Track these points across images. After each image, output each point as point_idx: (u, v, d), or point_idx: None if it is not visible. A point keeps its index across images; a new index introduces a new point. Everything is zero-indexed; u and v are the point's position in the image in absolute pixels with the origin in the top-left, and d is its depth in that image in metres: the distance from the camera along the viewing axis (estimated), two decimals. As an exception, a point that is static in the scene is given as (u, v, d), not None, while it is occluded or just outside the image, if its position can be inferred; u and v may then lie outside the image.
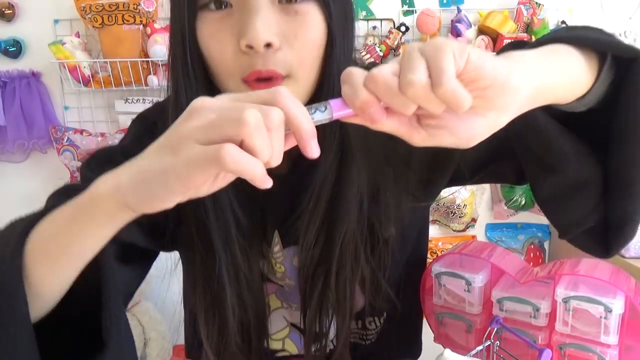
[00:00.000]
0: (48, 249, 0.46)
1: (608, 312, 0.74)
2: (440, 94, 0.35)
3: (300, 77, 0.55)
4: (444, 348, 0.73)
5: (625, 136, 0.49)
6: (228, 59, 0.54)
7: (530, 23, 1.73)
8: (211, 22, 0.55)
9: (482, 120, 0.38)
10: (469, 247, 0.95)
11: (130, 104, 1.70)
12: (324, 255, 0.64)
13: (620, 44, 0.48)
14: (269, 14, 0.52)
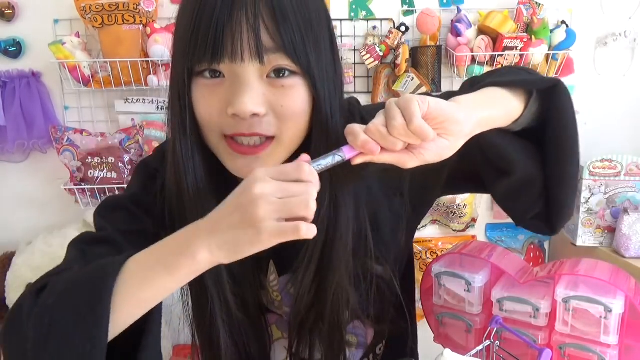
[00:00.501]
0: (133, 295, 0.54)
1: (608, 312, 0.74)
2: (412, 130, 0.52)
3: (285, 140, 0.62)
4: (444, 348, 0.73)
5: (554, 141, 0.66)
6: (214, 119, 0.60)
7: (530, 23, 1.73)
8: (204, 87, 0.60)
9: (446, 143, 0.56)
10: (469, 247, 0.95)
11: (130, 104, 1.70)
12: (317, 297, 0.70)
13: (542, 79, 0.66)
14: (258, 87, 0.58)
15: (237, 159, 0.62)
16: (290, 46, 0.58)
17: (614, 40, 1.83)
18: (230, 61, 0.57)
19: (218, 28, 0.56)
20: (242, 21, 0.56)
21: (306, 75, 0.60)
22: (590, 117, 1.87)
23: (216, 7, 0.56)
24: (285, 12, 0.57)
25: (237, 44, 0.56)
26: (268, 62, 0.58)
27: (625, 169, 1.63)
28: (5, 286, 1.54)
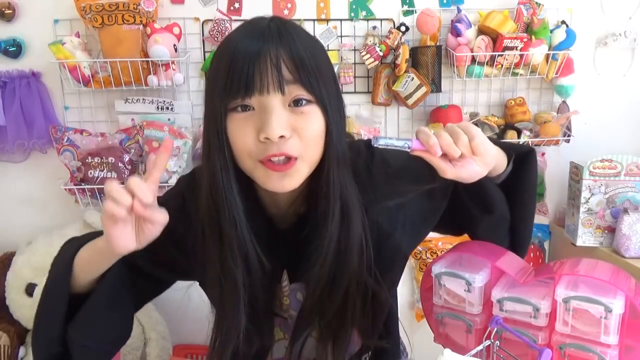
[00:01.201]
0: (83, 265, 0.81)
1: (608, 312, 0.74)
2: (474, 144, 0.72)
3: (307, 158, 0.74)
4: (444, 348, 0.73)
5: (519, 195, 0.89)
6: (249, 146, 0.72)
7: (530, 23, 1.73)
8: (238, 120, 0.72)
9: (478, 168, 0.75)
10: (469, 247, 0.95)
11: (130, 104, 1.70)
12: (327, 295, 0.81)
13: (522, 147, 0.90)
14: (282, 114, 0.71)
15: (272, 178, 0.73)
16: (305, 79, 0.71)
17: (614, 40, 1.83)
18: (258, 94, 0.70)
19: (249, 70, 0.69)
20: (267, 62, 0.70)
21: (319, 103, 0.73)
22: (590, 117, 1.87)
23: (246, 54, 0.70)
24: (301, 55, 0.71)
25: (263, 80, 0.70)
26: (288, 93, 0.71)
27: (625, 169, 1.63)
28: (5, 286, 1.54)
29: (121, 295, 0.87)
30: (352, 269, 0.80)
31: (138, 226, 0.73)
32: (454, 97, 1.85)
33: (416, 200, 0.85)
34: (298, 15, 1.73)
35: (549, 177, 1.93)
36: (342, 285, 0.80)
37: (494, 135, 1.77)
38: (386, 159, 0.90)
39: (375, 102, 1.79)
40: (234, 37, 0.74)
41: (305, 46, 0.73)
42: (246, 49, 0.71)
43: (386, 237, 0.86)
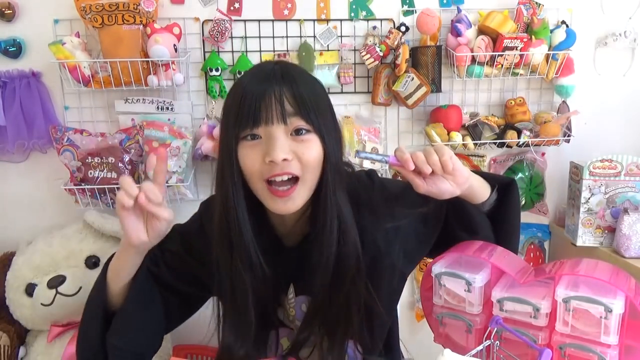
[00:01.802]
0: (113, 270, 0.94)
1: (608, 312, 0.74)
2: (443, 161, 0.83)
3: (307, 180, 0.86)
4: (444, 348, 0.73)
5: (502, 222, 0.98)
6: (256, 167, 0.84)
7: (530, 23, 1.73)
8: (247, 147, 0.85)
9: (449, 186, 0.86)
10: (469, 247, 0.95)
11: (130, 104, 1.70)
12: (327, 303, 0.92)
13: (503, 178, 1.00)
14: (285, 141, 0.83)
15: (277, 201, 0.86)
16: (305, 112, 0.84)
17: (614, 40, 1.83)
18: (264, 125, 0.83)
19: (256, 105, 0.82)
20: (272, 98, 0.83)
21: (317, 132, 0.85)
22: (590, 117, 1.87)
23: (254, 93, 0.83)
24: (300, 92, 0.84)
25: (269, 113, 0.83)
26: (290, 123, 0.84)
27: (625, 169, 1.63)
28: (5, 286, 1.54)
29: (150, 300, 0.97)
30: (348, 280, 0.90)
31: (148, 223, 0.87)
32: (454, 97, 1.85)
33: (412, 225, 0.96)
34: (298, 15, 1.74)
35: (549, 177, 1.93)
36: (341, 294, 0.90)
37: (494, 135, 1.77)
38: (385, 185, 1.02)
39: (375, 102, 1.79)
40: (244, 80, 0.88)
41: (305, 85, 0.87)
42: (254, 88, 0.84)
43: (382, 256, 0.95)
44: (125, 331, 0.93)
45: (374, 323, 0.96)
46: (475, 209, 0.95)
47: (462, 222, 0.94)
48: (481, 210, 0.96)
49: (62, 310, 1.45)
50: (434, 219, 0.97)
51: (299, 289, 0.97)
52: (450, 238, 0.95)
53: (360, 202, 0.94)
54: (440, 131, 1.75)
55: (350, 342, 0.97)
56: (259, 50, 1.74)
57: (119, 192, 0.83)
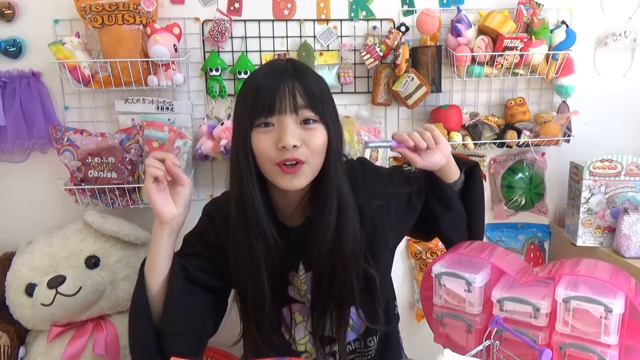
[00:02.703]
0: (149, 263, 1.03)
1: (608, 312, 0.74)
2: (435, 135, 1.06)
3: (312, 163, 0.97)
4: (444, 348, 0.73)
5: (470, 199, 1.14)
6: (269, 152, 0.94)
7: (530, 23, 1.73)
8: (261, 134, 0.95)
9: (439, 157, 1.05)
10: (469, 247, 0.95)
11: (130, 104, 1.70)
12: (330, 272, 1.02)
13: (469, 162, 1.17)
14: (295, 129, 0.94)
15: (285, 177, 0.95)
16: (314, 104, 0.95)
17: (614, 40, 1.83)
18: (278, 114, 0.93)
19: (271, 96, 0.93)
20: (285, 91, 0.93)
21: (323, 122, 0.96)
22: (590, 117, 1.87)
23: (269, 86, 0.93)
24: (310, 87, 0.95)
25: (282, 104, 0.93)
26: (301, 114, 0.94)
27: (625, 169, 1.63)
28: (5, 286, 1.54)
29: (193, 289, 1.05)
30: (348, 251, 1.00)
31: (173, 192, 1.02)
32: (454, 97, 1.85)
33: (400, 202, 1.10)
34: (298, 15, 1.74)
35: (549, 177, 1.94)
36: (342, 266, 1.00)
37: (494, 135, 1.77)
38: (376, 169, 1.19)
39: (375, 102, 1.79)
40: (259, 74, 0.97)
41: (314, 81, 0.97)
42: (269, 82, 0.94)
43: (378, 231, 1.07)
44: (178, 316, 1.00)
45: (374, 292, 1.07)
46: (449, 187, 1.10)
47: (439, 198, 1.10)
48: (453, 188, 1.11)
49: (62, 310, 1.45)
50: (417, 197, 1.11)
51: (308, 265, 1.08)
52: (429, 213, 1.11)
53: (357, 183, 1.06)
54: (440, 131, 1.74)
55: (354, 311, 1.09)
56: (259, 50, 1.74)
57: (148, 168, 0.97)
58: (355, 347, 1.15)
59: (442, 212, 1.09)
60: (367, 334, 1.14)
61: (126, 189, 1.61)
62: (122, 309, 1.58)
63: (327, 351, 1.10)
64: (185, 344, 1.00)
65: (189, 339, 1.02)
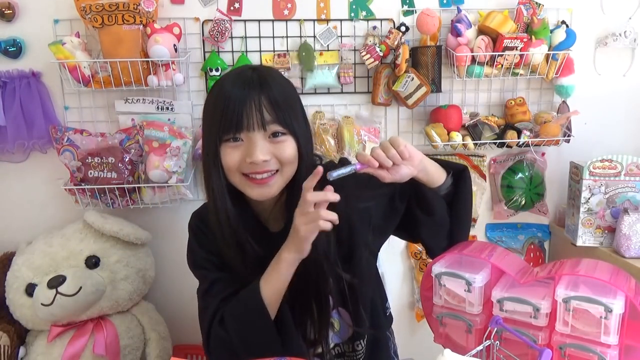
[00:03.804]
0: (273, 293, 1.00)
1: (608, 312, 0.74)
2: (400, 151, 0.94)
3: (284, 173, 0.99)
4: (444, 348, 0.73)
5: (456, 204, 1.08)
6: (237, 165, 0.96)
7: (530, 23, 1.73)
8: (230, 148, 0.96)
9: (407, 169, 0.96)
10: (469, 247, 0.95)
11: (130, 104, 1.70)
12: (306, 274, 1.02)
13: (457, 165, 1.10)
14: (264, 145, 0.95)
15: (254, 188, 0.98)
16: (281, 117, 0.95)
17: (614, 40, 1.83)
18: (246, 131, 0.94)
19: (238, 112, 0.93)
20: (252, 106, 0.93)
21: (292, 134, 0.97)
22: (590, 117, 1.87)
23: (236, 100, 0.93)
24: (276, 99, 0.95)
25: (250, 120, 0.93)
26: (269, 129, 0.95)
27: (625, 169, 1.63)
28: (5, 286, 1.54)
29: None
30: (320, 253, 1.00)
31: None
32: (454, 97, 1.85)
33: (380, 205, 1.08)
34: (298, 15, 1.74)
35: (549, 177, 1.94)
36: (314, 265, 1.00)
37: (494, 135, 1.77)
38: None
39: (375, 102, 1.79)
40: (226, 85, 0.97)
41: (280, 90, 0.97)
42: (235, 95, 0.94)
43: (356, 233, 1.06)
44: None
45: (355, 295, 1.07)
46: (431, 192, 1.05)
47: (419, 204, 1.06)
48: (437, 194, 1.06)
49: (62, 310, 1.45)
50: (399, 198, 1.08)
51: None
52: (410, 218, 1.08)
53: (335, 186, 0.99)
54: (440, 131, 1.75)
55: (337, 313, 1.10)
56: (259, 50, 1.74)
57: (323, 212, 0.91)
58: (343, 349, 1.15)
59: (423, 218, 1.06)
60: (355, 338, 1.13)
61: (126, 189, 1.61)
62: (122, 309, 1.58)
63: (312, 353, 1.10)
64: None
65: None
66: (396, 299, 1.95)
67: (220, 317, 1.02)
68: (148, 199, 1.64)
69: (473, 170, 1.89)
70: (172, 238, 1.79)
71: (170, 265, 1.80)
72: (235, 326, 1.00)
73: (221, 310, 1.03)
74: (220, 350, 1.03)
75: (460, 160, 1.88)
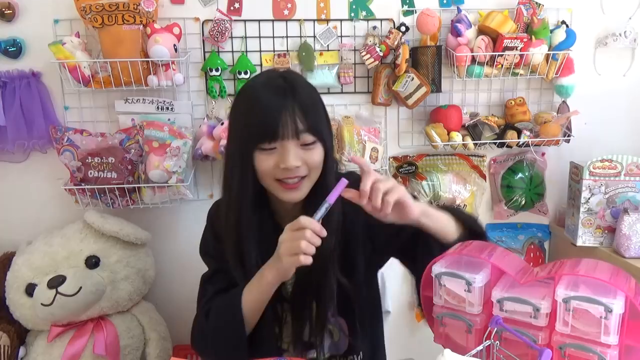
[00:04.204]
0: (251, 309, 1.05)
1: (608, 312, 0.74)
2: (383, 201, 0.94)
3: (312, 177, 1.05)
4: (444, 348, 0.73)
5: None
6: (271, 170, 1.02)
7: (530, 23, 1.73)
8: (264, 155, 1.01)
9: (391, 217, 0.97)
10: (469, 247, 0.95)
11: (130, 104, 1.70)
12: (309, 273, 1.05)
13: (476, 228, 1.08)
14: (297, 152, 1.00)
15: (286, 192, 1.04)
16: (313, 127, 1.01)
17: (614, 40, 1.83)
18: (281, 140, 0.99)
19: (274, 123, 0.98)
20: (287, 117, 0.98)
21: (322, 141, 1.03)
22: (590, 117, 1.87)
23: (271, 110, 0.99)
24: (307, 109, 1.01)
25: (285, 130, 0.98)
26: (301, 138, 1.00)
27: (625, 169, 1.63)
28: (5, 286, 1.54)
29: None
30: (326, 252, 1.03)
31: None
32: (454, 97, 1.85)
33: (382, 226, 1.04)
34: (298, 15, 1.74)
35: (549, 177, 1.94)
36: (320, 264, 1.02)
37: (494, 135, 1.77)
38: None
39: (375, 102, 1.79)
40: (258, 93, 1.03)
41: (308, 96, 1.03)
42: (271, 105, 0.99)
43: (357, 242, 1.12)
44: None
45: (354, 304, 1.11)
46: (435, 242, 1.02)
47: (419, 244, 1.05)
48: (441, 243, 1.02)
49: (62, 310, 1.45)
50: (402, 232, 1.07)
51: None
52: (407, 248, 1.08)
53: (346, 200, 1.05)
54: (440, 131, 1.75)
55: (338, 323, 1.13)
56: (259, 50, 1.74)
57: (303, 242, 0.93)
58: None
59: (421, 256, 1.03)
60: (350, 352, 1.16)
61: (126, 189, 1.61)
62: (122, 309, 1.58)
63: (306, 356, 1.12)
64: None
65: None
66: (396, 299, 1.95)
67: (208, 309, 1.09)
68: (148, 199, 1.64)
69: (473, 170, 1.89)
70: (172, 238, 1.79)
71: (170, 265, 1.80)
72: (213, 325, 1.07)
73: (211, 302, 1.10)
74: (199, 340, 1.11)
75: (460, 160, 1.88)
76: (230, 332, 1.05)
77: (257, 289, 1.03)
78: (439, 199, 1.82)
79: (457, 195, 1.83)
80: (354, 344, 1.14)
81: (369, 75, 1.80)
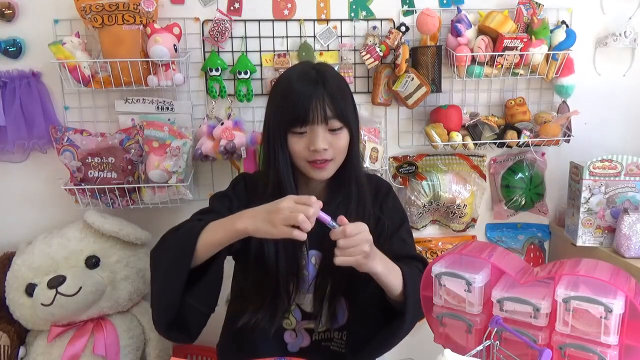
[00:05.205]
0: (208, 239, 1.08)
1: (608, 312, 0.74)
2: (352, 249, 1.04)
3: (337, 160, 1.20)
4: (444, 348, 0.73)
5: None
6: (302, 153, 1.17)
7: (530, 23, 1.73)
8: (296, 137, 1.16)
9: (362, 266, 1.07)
10: (469, 247, 0.95)
11: (130, 104, 1.70)
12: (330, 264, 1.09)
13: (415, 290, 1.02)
14: (325, 136, 1.15)
15: (315, 171, 1.18)
16: (340, 114, 1.15)
17: (614, 40, 1.83)
18: (311, 124, 1.14)
19: (306, 109, 1.13)
20: (317, 104, 1.13)
21: (348, 127, 1.18)
22: (590, 117, 1.87)
23: (304, 97, 1.13)
24: (336, 97, 1.15)
25: (314, 116, 1.13)
26: (330, 124, 1.15)
27: (625, 169, 1.63)
28: (5, 286, 1.54)
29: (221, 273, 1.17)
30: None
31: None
32: (454, 97, 1.85)
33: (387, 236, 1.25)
34: (298, 15, 1.74)
35: (549, 177, 1.94)
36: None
37: (494, 135, 1.77)
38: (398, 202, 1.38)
39: (375, 102, 1.79)
40: (293, 82, 1.16)
41: (337, 85, 1.17)
42: (303, 93, 1.13)
43: (384, 237, 1.23)
44: (202, 296, 1.13)
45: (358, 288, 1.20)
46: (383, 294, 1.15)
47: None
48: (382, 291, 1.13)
49: (62, 310, 1.45)
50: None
51: (312, 243, 1.22)
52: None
53: (381, 190, 1.31)
54: (440, 131, 1.75)
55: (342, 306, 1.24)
56: (259, 50, 1.74)
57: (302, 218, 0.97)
58: (332, 335, 1.28)
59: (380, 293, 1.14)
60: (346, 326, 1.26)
61: (126, 189, 1.61)
62: (122, 309, 1.58)
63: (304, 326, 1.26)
64: (198, 319, 1.15)
65: (203, 317, 1.16)
66: (396, 299, 1.95)
67: (177, 227, 1.18)
68: (148, 199, 1.64)
69: (473, 170, 1.89)
70: (172, 238, 1.79)
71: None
72: (170, 241, 1.14)
73: (184, 223, 1.19)
74: (156, 247, 1.17)
75: (460, 160, 1.88)
76: (179, 252, 1.09)
77: (222, 230, 1.07)
78: (439, 199, 1.82)
79: (457, 195, 1.83)
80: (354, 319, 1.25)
81: (369, 75, 1.80)
